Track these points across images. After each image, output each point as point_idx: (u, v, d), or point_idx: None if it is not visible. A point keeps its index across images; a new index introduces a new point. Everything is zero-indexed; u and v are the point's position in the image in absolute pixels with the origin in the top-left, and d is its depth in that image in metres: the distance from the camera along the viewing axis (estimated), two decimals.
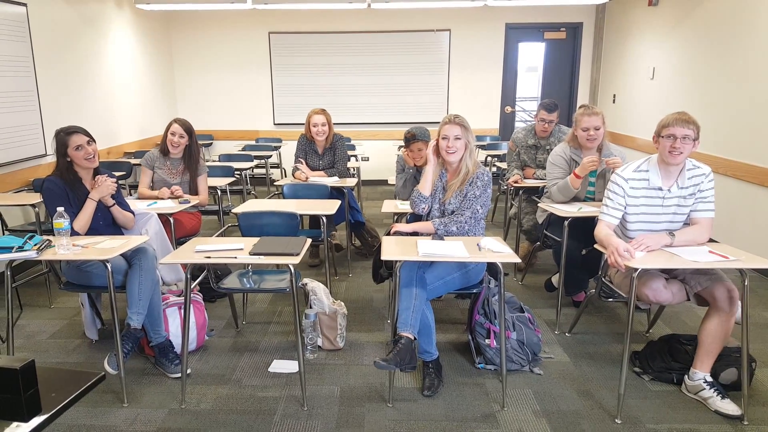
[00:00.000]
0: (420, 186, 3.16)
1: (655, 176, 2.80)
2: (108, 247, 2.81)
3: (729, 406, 2.64)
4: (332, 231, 4.80)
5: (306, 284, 3.41)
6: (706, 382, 2.73)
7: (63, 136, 3.09)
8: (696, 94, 5.40)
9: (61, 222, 2.70)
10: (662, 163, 2.79)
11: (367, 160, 8.18)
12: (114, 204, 3.23)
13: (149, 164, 4.15)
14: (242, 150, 6.91)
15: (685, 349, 2.93)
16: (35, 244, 2.72)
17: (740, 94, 4.70)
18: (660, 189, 2.80)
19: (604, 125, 3.61)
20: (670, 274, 2.84)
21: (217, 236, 3.48)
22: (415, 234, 3.11)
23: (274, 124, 8.30)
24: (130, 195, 4.96)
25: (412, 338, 2.62)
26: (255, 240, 2.94)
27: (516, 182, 4.41)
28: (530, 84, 8.87)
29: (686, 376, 2.82)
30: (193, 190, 4.14)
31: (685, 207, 2.82)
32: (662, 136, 2.72)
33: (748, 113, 4.60)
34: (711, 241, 2.83)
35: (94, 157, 3.14)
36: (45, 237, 2.84)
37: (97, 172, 3.23)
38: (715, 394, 2.69)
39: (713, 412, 2.66)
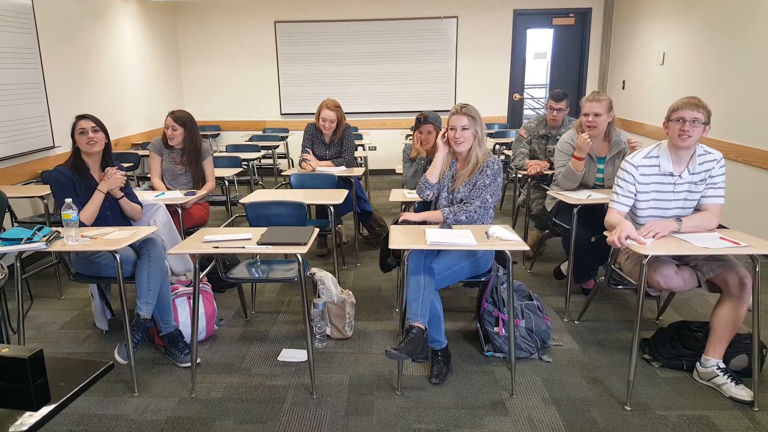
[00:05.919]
0: (428, 173, 3.15)
1: (666, 162, 2.77)
2: (117, 238, 2.81)
3: (743, 392, 2.63)
4: (339, 222, 4.80)
5: (314, 274, 3.41)
6: (719, 368, 2.72)
7: (75, 120, 3.17)
8: (707, 80, 5.33)
9: (70, 213, 2.71)
10: (672, 148, 2.75)
11: (375, 149, 8.18)
12: (123, 196, 3.25)
13: (158, 150, 4.17)
14: (249, 140, 6.91)
15: (695, 336, 2.91)
16: (44, 236, 2.73)
17: (752, 79, 4.64)
18: (671, 175, 2.77)
19: (608, 113, 3.55)
20: (681, 261, 2.82)
21: (225, 226, 3.48)
22: (423, 223, 3.10)
23: (281, 114, 8.29)
24: (138, 186, 4.97)
25: (423, 328, 2.62)
26: (263, 230, 2.94)
27: (541, 169, 4.29)
28: (539, 71, 8.81)
29: (698, 363, 2.81)
30: (200, 178, 4.15)
31: (696, 193, 2.79)
32: (672, 120, 2.69)
33: (761, 98, 4.53)
34: (722, 227, 2.80)
35: (96, 143, 3.14)
36: (54, 228, 2.85)
37: (107, 164, 3.24)
38: (729, 380, 2.67)
39: (726, 398, 2.65)
